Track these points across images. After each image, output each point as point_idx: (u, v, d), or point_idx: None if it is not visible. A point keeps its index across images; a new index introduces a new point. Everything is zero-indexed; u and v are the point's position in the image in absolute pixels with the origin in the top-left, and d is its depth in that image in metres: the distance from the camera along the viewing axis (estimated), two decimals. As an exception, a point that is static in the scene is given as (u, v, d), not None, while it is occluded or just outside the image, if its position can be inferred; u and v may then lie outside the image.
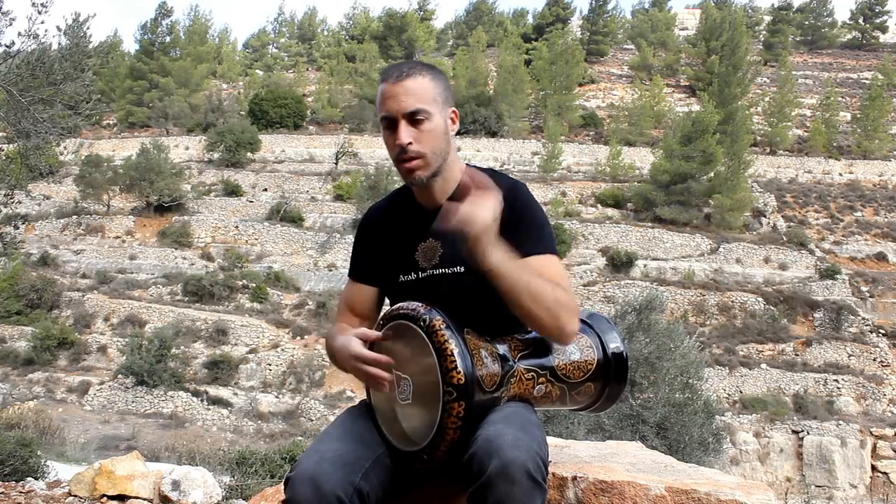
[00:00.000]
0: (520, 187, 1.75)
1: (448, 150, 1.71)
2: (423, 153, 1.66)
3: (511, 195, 1.70)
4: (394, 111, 1.66)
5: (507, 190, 1.71)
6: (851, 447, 21.40)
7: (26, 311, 26.10)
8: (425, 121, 1.65)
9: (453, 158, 1.75)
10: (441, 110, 1.68)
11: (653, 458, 2.02)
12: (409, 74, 1.66)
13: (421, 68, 1.69)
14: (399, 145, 1.66)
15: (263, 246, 30.76)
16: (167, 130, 41.09)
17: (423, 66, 1.71)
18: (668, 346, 9.49)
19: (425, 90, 1.66)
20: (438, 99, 1.68)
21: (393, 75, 1.67)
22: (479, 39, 47.22)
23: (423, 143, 1.66)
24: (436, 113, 1.67)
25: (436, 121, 1.67)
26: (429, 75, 1.68)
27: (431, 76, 1.68)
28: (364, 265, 1.85)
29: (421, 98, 1.65)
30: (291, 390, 23.81)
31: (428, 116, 1.65)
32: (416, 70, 1.67)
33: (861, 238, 32.55)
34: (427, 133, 1.66)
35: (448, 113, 1.71)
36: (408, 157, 1.66)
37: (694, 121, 32.36)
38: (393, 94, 1.65)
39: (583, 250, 29.72)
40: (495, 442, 1.42)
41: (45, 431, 14.89)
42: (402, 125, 1.65)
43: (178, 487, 4.95)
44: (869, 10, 57.08)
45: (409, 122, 1.65)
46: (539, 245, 1.67)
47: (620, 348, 1.81)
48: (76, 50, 7.14)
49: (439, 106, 1.68)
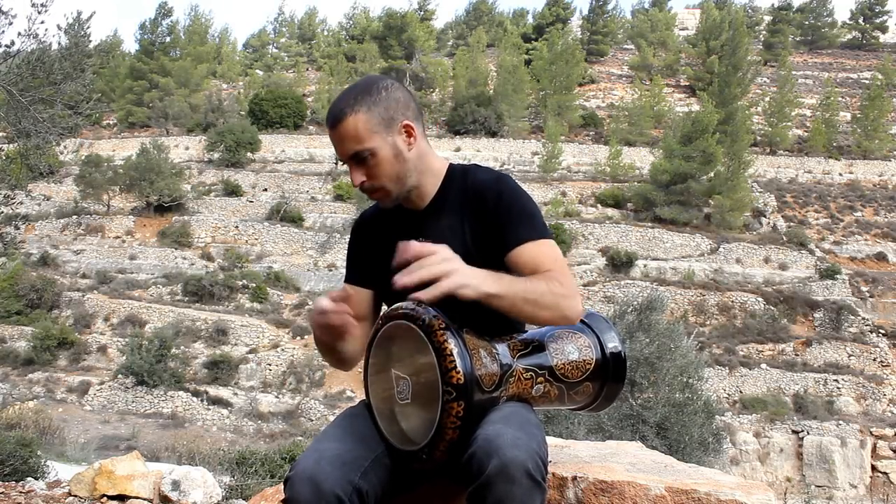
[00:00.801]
0: (504, 179, 1.74)
1: (407, 167, 1.69)
2: (378, 186, 1.69)
3: (497, 188, 1.70)
4: (339, 156, 1.70)
5: (492, 182, 1.71)
6: (851, 447, 21.40)
7: (26, 311, 26.11)
8: (370, 157, 1.66)
9: (425, 166, 1.74)
10: (385, 137, 1.66)
11: (653, 458, 2.02)
12: (341, 118, 1.65)
13: (354, 102, 1.65)
14: (354, 186, 1.72)
15: (263, 246, 30.77)
16: (167, 130, 41.11)
17: (356, 96, 1.66)
18: (668, 346, 9.49)
19: (359, 128, 1.64)
20: (378, 128, 1.65)
21: (329, 121, 1.68)
22: (479, 39, 47.22)
23: (375, 178, 1.68)
24: (379, 145, 1.65)
25: (382, 152, 1.66)
26: (363, 108, 1.64)
27: (367, 107, 1.65)
28: (358, 268, 1.86)
29: (358, 139, 1.64)
30: (291, 390, 23.81)
31: (372, 152, 1.65)
32: (349, 107, 1.65)
33: (861, 238, 32.55)
34: (375, 167, 1.67)
35: (397, 132, 1.68)
36: (366, 192, 1.72)
37: (694, 121, 32.38)
38: (333, 141, 1.69)
39: (583, 250, 29.73)
40: (495, 441, 1.42)
41: (45, 431, 14.89)
42: (352, 167, 1.68)
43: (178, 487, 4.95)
44: (869, 10, 57.10)
45: (356, 162, 1.67)
46: (532, 231, 1.67)
47: (618, 348, 1.81)
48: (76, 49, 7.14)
49: (381, 135, 1.65)
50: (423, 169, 1.73)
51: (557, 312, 1.59)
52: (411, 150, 1.70)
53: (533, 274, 1.62)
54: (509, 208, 1.68)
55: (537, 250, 1.65)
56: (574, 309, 1.61)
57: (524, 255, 1.64)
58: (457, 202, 1.73)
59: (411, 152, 1.70)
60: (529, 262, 1.64)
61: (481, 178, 1.73)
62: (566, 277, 1.63)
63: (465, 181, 1.75)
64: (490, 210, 1.68)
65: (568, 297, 1.60)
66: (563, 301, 1.59)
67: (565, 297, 1.59)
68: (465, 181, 1.75)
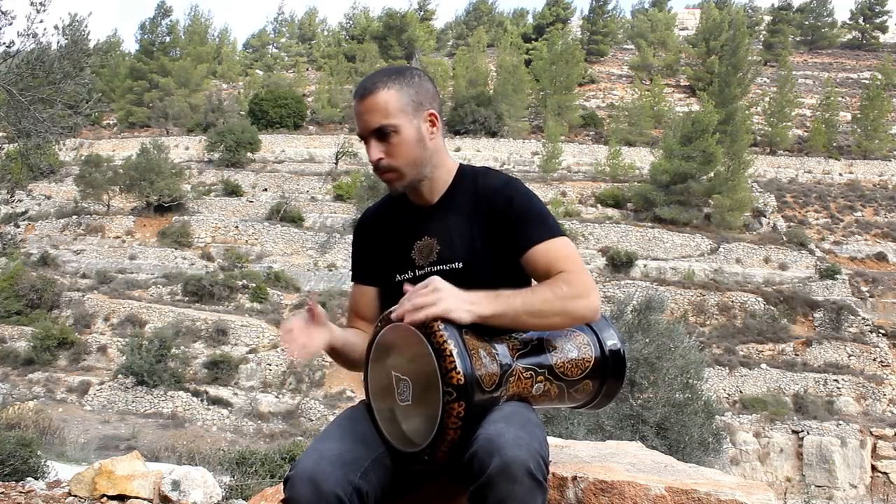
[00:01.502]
0: (514, 183, 1.75)
1: (426, 155, 1.70)
2: (395, 167, 1.68)
3: (507, 192, 1.71)
4: (361, 129, 1.68)
5: (503, 186, 1.72)
6: (851, 447, 21.40)
7: (26, 311, 26.10)
8: (393, 134, 1.65)
9: (440, 160, 1.74)
10: (412, 119, 1.67)
11: (653, 458, 2.02)
12: (373, 90, 1.65)
13: (388, 79, 1.66)
14: (371, 162, 1.69)
15: (263, 246, 30.77)
16: (167, 130, 41.10)
17: (391, 75, 1.67)
18: (668, 346, 9.49)
19: (390, 103, 1.64)
20: (407, 108, 1.66)
21: (358, 92, 1.67)
22: (479, 39, 47.23)
23: (394, 157, 1.67)
24: (404, 124, 1.65)
25: (406, 132, 1.66)
26: (395, 85, 1.65)
27: (399, 86, 1.66)
28: (364, 267, 1.86)
29: (386, 113, 1.64)
30: (291, 390, 23.81)
31: (396, 129, 1.65)
32: (382, 83, 1.65)
33: (861, 238, 32.55)
34: (397, 146, 1.66)
35: (423, 118, 1.69)
36: (381, 171, 1.70)
37: (694, 121, 32.36)
38: (359, 113, 1.67)
39: (583, 250, 29.72)
40: (496, 441, 1.42)
41: (45, 431, 14.88)
42: (372, 142, 1.67)
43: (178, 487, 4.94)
44: (869, 10, 57.10)
45: (378, 138, 1.66)
46: (544, 231, 1.68)
47: (618, 345, 1.81)
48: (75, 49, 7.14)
49: (409, 115, 1.66)
50: (437, 163, 1.74)
51: (568, 316, 1.59)
52: (432, 141, 1.71)
53: (548, 273, 1.63)
54: (521, 212, 1.69)
55: (551, 249, 1.66)
56: (587, 307, 1.61)
57: (538, 255, 1.65)
58: (466, 203, 1.74)
59: (432, 142, 1.71)
60: (543, 262, 1.65)
61: (492, 183, 1.74)
62: (577, 276, 1.62)
63: (475, 184, 1.76)
64: (501, 214, 1.69)
65: (576, 298, 1.59)
66: (571, 303, 1.59)
67: (573, 298, 1.59)
68: (475, 184, 1.76)
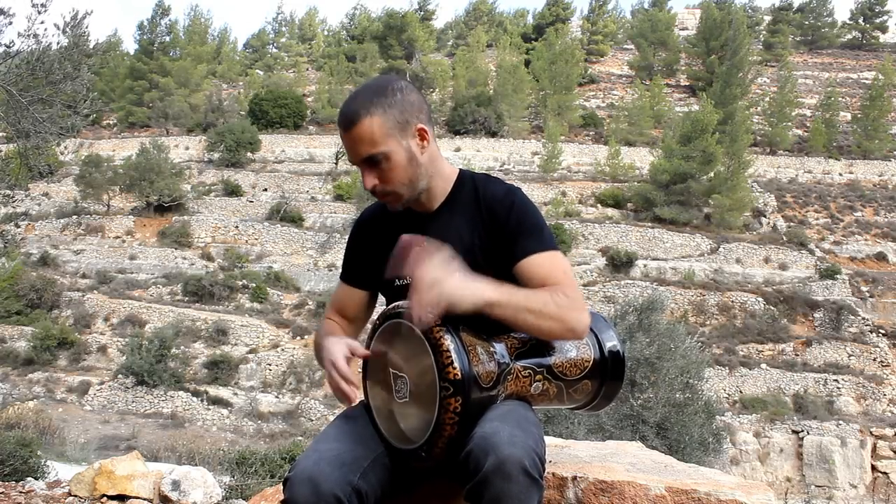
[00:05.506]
0: (515, 192, 1.74)
1: (420, 171, 1.68)
2: (390, 191, 1.67)
3: (508, 201, 1.70)
4: (351, 159, 1.68)
5: (503, 195, 1.72)
6: (851, 447, 21.40)
7: (26, 311, 26.11)
8: (384, 161, 1.64)
9: (435, 169, 1.73)
10: (400, 140, 1.64)
11: (653, 458, 2.02)
12: (355, 120, 1.62)
13: (369, 104, 1.62)
14: (366, 189, 1.69)
15: (263, 246, 30.78)
16: (167, 130, 41.10)
17: (371, 98, 1.64)
18: (669, 346, 9.49)
19: (375, 131, 1.62)
20: (393, 131, 1.63)
21: (342, 122, 1.65)
22: (478, 39, 47.25)
23: (388, 182, 1.66)
24: (393, 148, 1.63)
25: (396, 156, 1.64)
26: (378, 110, 1.62)
27: (382, 109, 1.62)
28: (355, 268, 1.85)
29: (373, 142, 1.62)
30: (291, 390, 23.81)
31: (386, 156, 1.63)
32: (364, 110, 1.62)
33: (861, 238, 32.54)
34: (389, 171, 1.65)
35: (411, 135, 1.66)
36: (377, 196, 1.70)
37: (694, 121, 32.36)
38: (347, 145, 1.66)
39: (583, 250, 29.72)
40: (491, 439, 1.42)
41: (45, 431, 14.90)
42: (364, 170, 1.66)
43: (178, 487, 4.94)
44: (869, 10, 57.12)
45: (369, 166, 1.65)
46: (540, 244, 1.67)
47: (617, 346, 1.81)
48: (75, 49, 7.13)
49: (396, 138, 1.64)
50: (433, 172, 1.73)
51: (563, 324, 1.59)
52: (424, 154, 1.69)
53: (541, 285, 1.62)
54: (519, 221, 1.68)
55: (545, 262, 1.66)
56: (580, 322, 1.61)
57: (532, 266, 1.65)
58: (467, 209, 1.74)
59: (424, 156, 1.69)
60: (539, 273, 1.65)
61: (493, 191, 1.74)
62: (573, 290, 1.63)
63: (475, 191, 1.75)
64: (500, 223, 1.68)
65: (574, 310, 1.60)
66: (569, 313, 1.59)
67: (571, 308, 1.59)
68: (475, 191, 1.75)
